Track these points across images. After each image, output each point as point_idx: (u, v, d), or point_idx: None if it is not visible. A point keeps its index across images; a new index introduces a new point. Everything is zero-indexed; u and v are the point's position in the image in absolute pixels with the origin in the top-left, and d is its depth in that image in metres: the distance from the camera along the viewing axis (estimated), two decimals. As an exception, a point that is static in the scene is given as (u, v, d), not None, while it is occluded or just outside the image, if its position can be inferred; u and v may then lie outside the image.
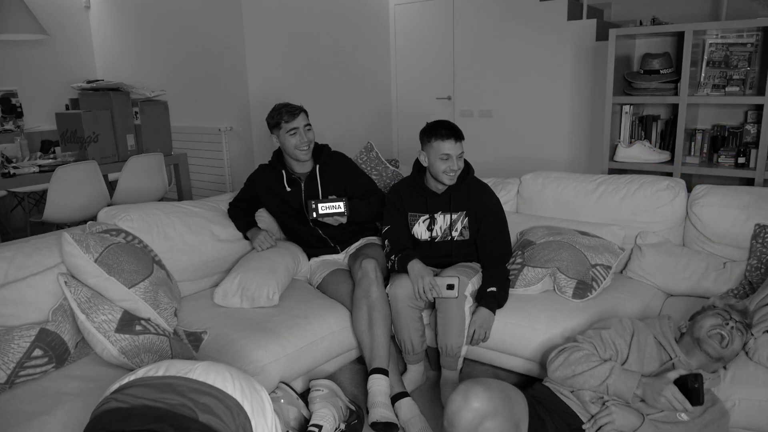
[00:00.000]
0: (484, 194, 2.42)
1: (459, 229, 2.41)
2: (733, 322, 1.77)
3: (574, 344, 1.85)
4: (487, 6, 5.08)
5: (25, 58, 5.38)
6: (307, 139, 2.52)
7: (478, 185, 2.44)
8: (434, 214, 2.42)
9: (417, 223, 2.44)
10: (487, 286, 2.27)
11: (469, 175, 2.42)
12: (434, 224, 2.42)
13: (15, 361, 1.78)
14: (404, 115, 5.92)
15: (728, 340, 1.74)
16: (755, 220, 2.35)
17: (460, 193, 2.39)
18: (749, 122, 3.30)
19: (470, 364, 2.59)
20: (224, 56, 4.81)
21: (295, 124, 2.48)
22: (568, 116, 4.82)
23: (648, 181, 2.63)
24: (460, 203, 2.40)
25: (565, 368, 1.79)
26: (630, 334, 1.85)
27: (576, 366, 1.77)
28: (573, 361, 1.79)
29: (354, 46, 5.50)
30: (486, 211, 2.39)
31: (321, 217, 2.45)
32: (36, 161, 3.74)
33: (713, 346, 1.74)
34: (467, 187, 2.40)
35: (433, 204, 2.42)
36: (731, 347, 1.74)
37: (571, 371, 1.77)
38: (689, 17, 4.75)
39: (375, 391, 2.12)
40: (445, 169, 2.28)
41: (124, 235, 2.26)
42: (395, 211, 2.47)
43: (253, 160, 4.83)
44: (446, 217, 2.41)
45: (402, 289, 2.25)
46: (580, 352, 1.80)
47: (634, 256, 2.57)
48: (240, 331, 2.15)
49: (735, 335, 1.75)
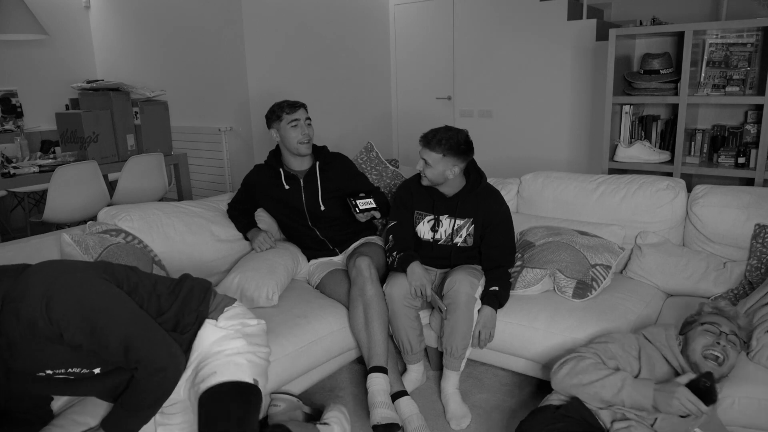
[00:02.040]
0: (494, 203, 2.38)
1: (464, 236, 2.38)
2: (723, 336, 1.71)
3: (578, 354, 1.78)
4: (487, 6, 5.08)
5: (25, 58, 5.38)
6: (308, 132, 2.52)
7: (489, 193, 2.40)
8: (440, 216, 2.40)
9: (422, 222, 2.44)
10: (489, 285, 2.27)
11: (481, 183, 2.39)
12: (438, 226, 2.41)
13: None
14: (404, 115, 5.92)
15: (723, 358, 1.68)
16: (755, 220, 2.35)
17: (470, 199, 2.37)
18: (749, 122, 3.31)
19: (470, 363, 2.60)
20: (224, 56, 4.81)
21: (298, 116, 2.49)
22: (568, 116, 4.82)
23: (648, 181, 2.63)
24: (468, 210, 2.37)
25: (572, 377, 1.70)
26: (637, 349, 1.80)
27: (583, 376, 1.69)
28: (580, 370, 1.70)
29: (354, 46, 5.50)
30: (493, 219, 2.36)
31: (365, 211, 2.47)
32: (36, 161, 3.74)
33: (711, 368, 1.68)
34: (477, 194, 2.37)
35: (439, 206, 2.40)
36: (728, 362, 1.70)
37: (578, 380, 1.69)
38: (689, 17, 4.76)
39: (374, 391, 2.12)
40: (419, 169, 2.34)
41: (123, 235, 2.26)
42: (403, 207, 2.47)
43: (253, 160, 4.83)
44: (451, 221, 2.39)
45: (398, 289, 2.25)
46: (586, 362, 1.72)
47: (634, 256, 2.57)
48: (240, 331, 2.14)
49: (729, 351, 1.69)
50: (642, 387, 1.62)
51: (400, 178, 3.08)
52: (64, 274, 1.42)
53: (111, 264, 1.59)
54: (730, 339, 1.71)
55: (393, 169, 3.12)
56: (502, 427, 2.16)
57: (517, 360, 2.32)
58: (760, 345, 1.89)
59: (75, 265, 1.49)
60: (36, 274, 1.41)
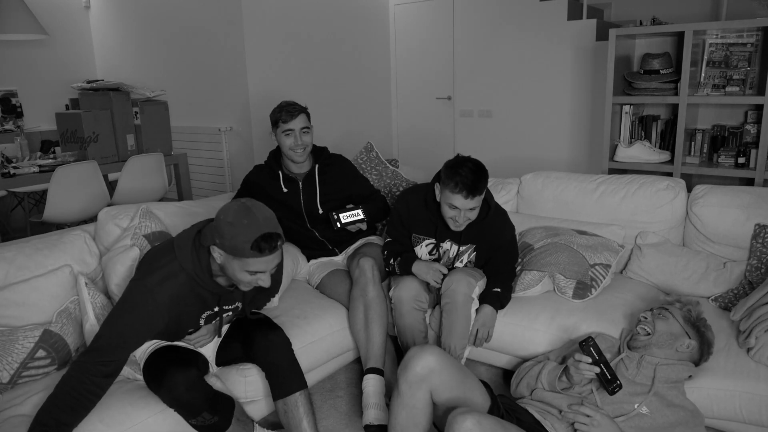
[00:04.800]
0: (500, 229, 2.28)
1: (464, 262, 2.33)
2: (650, 312, 1.87)
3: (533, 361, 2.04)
4: (487, 6, 5.08)
5: (25, 58, 5.38)
6: (302, 142, 2.45)
7: (495, 218, 2.27)
8: (441, 242, 2.31)
9: (420, 245, 2.35)
10: (492, 287, 2.27)
11: (488, 214, 2.23)
12: (438, 250, 2.34)
13: (18, 361, 1.79)
14: (404, 115, 5.92)
15: (649, 329, 1.83)
16: (755, 220, 2.35)
17: (475, 227, 2.23)
18: (749, 122, 3.30)
19: (470, 363, 2.59)
20: (224, 56, 4.81)
21: (291, 126, 2.43)
22: (568, 116, 4.82)
23: (648, 181, 2.63)
24: (473, 236, 2.26)
25: (514, 381, 1.99)
26: None
27: (520, 372, 1.98)
28: (519, 372, 2.00)
29: (354, 46, 5.50)
30: (499, 246, 2.30)
31: (345, 226, 2.46)
32: (36, 161, 3.74)
33: (640, 340, 1.83)
34: (483, 224, 2.24)
35: (442, 232, 2.28)
36: (657, 331, 1.81)
37: (518, 380, 1.96)
38: (689, 17, 4.76)
39: (369, 392, 2.13)
40: (451, 216, 2.13)
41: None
42: (399, 224, 2.37)
43: (253, 160, 4.83)
44: (453, 246, 2.30)
45: (406, 291, 2.25)
46: (526, 363, 2.02)
47: (634, 256, 2.57)
48: (240, 332, 2.14)
49: (656, 322, 1.83)
50: (554, 369, 1.85)
51: (400, 178, 3.08)
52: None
53: None
54: (656, 312, 1.86)
55: (393, 169, 3.12)
56: (502, 427, 2.16)
57: (518, 360, 2.32)
58: (760, 343, 1.90)
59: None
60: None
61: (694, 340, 1.81)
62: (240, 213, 1.59)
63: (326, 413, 2.26)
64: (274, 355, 1.89)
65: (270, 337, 1.91)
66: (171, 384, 1.66)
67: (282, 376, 1.89)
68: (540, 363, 1.95)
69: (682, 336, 1.80)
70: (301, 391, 1.90)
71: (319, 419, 2.23)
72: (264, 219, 1.60)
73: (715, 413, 1.87)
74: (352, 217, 2.48)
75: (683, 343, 1.79)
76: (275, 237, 1.60)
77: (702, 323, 1.84)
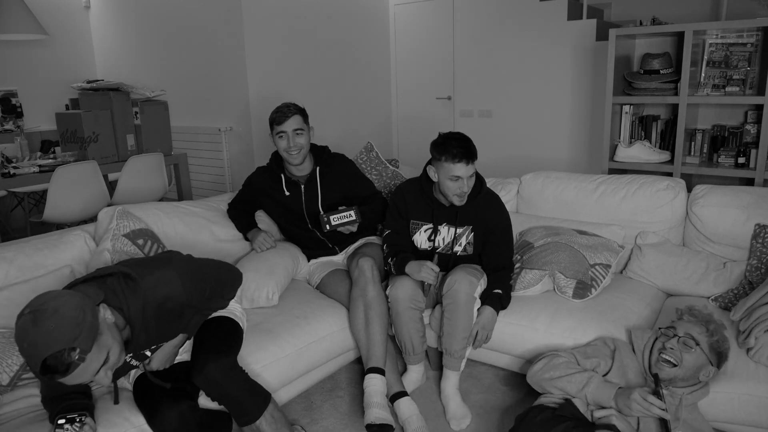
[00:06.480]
0: (494, 210, 2.33)
1: (463, 245, 2.35)
2: (676, 340, 1.76)
3: (554, 353, 1.92)
4: (487, 6, 5.08)
5: (25, 58, 5.38)
6: (295, 143, 2.43)
7: (489, 198, 2.35)
8: (438, 225, 2.35)
9: (418, 232, 2.39)
10: (492, 287, 2.27)
11: (481, 191, 2.32)
12: (437, 235, 2.37)
13: (19, 363, 1.78)
14: (404, 115, 5.92)
15: (675, 360, 1.74)
16: (755, 220, 2.35)
17: (470, 207, 2.30)
18: (749, 122, 3.31)
19: (470, 363, 2.60)
20: (224, 56, 4.81)
21: (284, 128, 2.41)
22: (568, 116, 4.82)
23: (648, 181, 2.63)
24: (468, 217, 2.32)
25: (544, 372, 1.85)
26: (612, 349, 1.92)
27: (554, 371, 1.83)
28: (552, 366, 1.85)
29: (354, 46, 5.50)
30: (495, 227, 2.33)
31: (335, 228, 2.45)
32: (36, 161, 3.74)
33: (666, 372, 1.75)
34: (477, 201, 2.32)
35: (439, 215, 2.34)
36: (684, 365, 1.74)
37: (549, 375, 1.83)
38: (689, 17, 4.76)
39: (370, 392, 2.13)
40: (455, 190, 2.19)
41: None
42: (397, 214, 2.42)
43: (253, 160, 4.83)
44: (451, 229, 2.35)
45: (402, 291, 2.25)
46: (560, 359, 1.86)
47: (634, 256, 2.57)
48: (240, 332, 2.14)
49: (683, 354, 1.74)
50: (605, 387, 1.73)
51: (400, 178, 3.08)
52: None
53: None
54: (683, 341, 1.76)
55: (393, 169, 3.12)
56: (502, 428, 2.16)
57: (518, 360, 2.32)
58: (759, 344, 1.90)
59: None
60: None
61: (716, 366, 1.80)
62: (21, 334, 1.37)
63: (326, 413, 2.26)
64: (220, 390, 1.75)
65: (207, 373, 1.73)
66: (164, 421, 1.64)
67: (238, 407, 1.79)
68: (581, 371, 1.81)
69: (707, 365, 1.78)
70: (264, 414, 1.80)
71: (319, 419, 2.23)
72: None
73: (713, 415, 1.87)
74: (343, 219, 2.46)
75: (707, 372, 1.78)
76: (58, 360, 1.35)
77: (726, 349, 1.81)
